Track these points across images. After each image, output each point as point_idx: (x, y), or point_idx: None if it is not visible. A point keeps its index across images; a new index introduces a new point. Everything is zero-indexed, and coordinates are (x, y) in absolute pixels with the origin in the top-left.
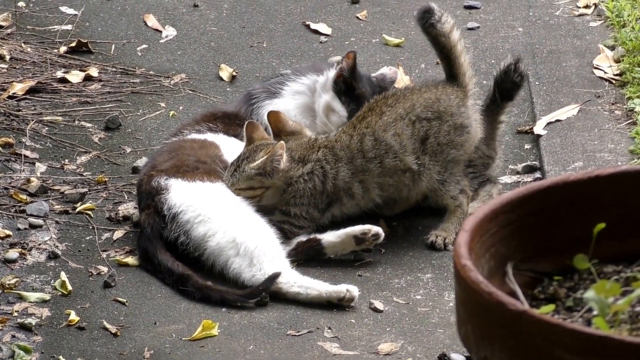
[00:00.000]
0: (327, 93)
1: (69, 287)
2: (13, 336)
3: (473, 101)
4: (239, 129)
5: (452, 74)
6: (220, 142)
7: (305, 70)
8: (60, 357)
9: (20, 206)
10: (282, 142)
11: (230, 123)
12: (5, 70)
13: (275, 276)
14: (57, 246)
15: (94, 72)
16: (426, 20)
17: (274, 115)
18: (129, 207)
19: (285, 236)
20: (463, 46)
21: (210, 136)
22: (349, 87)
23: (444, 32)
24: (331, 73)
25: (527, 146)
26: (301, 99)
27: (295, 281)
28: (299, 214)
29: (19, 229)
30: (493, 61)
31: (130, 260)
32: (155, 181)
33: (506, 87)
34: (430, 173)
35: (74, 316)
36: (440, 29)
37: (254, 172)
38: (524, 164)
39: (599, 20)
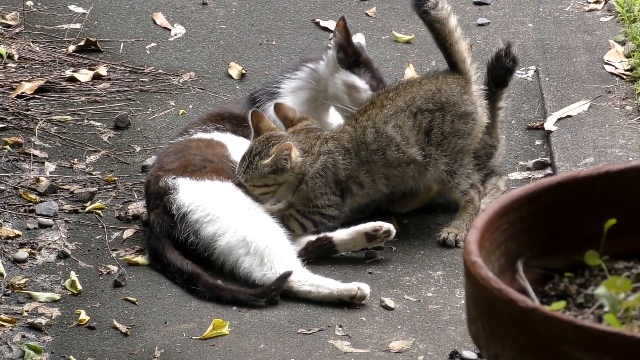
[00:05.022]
0: (338, 73)
1: (79, 287)
2: (23, 336)
3: (477, 87)
4: (247, 131)
5: (452, 62)
6: (227, 141)
7: (297, 64)
8: (71, 356)
9: (29, 206)
10: (288, 142)
11: (237, 124)
12: (14, 69)
13: (286, 275)
14: (67, 246)
15: (102, 70)
16: (420, 7)
17: (278, 107)
18: (138, 206)
19: (316, 227)
20: (460, 33)
21: (216, 135)
22: (355, 55)
23: (439, 19)
24: (330, 52)
25: (537, 142)
26: (302, 94)
27: (306, 280)
28: (324, 204)
29: (28, 229)
30: None
31: (140, 259)
32: (163, 181)
33: (499, 74)
34: (437, 164)
35: (84, 316)
36: (434, 15)
37: (267, 169)
38: (534, 160)
39: (610, 15)
